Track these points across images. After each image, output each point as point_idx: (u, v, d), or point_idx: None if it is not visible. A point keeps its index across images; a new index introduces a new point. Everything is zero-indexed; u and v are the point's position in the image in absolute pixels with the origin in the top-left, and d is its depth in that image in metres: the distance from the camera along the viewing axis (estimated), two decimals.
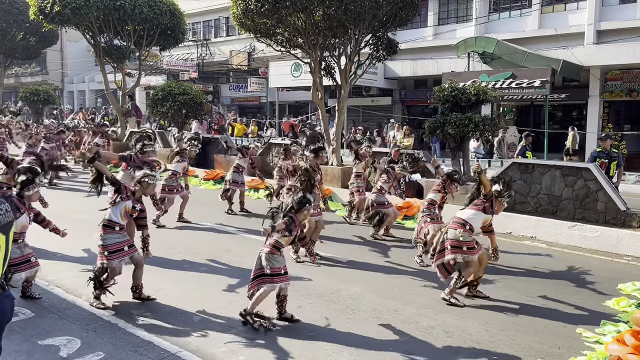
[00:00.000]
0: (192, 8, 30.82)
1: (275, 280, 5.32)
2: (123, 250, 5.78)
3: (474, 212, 6.34)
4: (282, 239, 5.40)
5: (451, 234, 6.23)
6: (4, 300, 3.12)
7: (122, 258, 5.78)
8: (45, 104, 25.73)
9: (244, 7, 12.78)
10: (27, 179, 5.73)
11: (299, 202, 5.53)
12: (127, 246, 5.83)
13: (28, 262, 5.78)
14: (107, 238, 5.73)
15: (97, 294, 5.76)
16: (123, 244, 5.80)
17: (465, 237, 6.16)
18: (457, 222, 6.29)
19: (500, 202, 6.39)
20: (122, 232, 5.86)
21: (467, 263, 6.18)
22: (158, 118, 21.56)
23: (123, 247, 5.79)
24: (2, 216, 3.05)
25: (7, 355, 4.26)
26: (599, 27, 20.14)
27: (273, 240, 5.39)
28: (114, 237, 5.76)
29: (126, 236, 5.93)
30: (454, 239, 6.18)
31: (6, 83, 33.11)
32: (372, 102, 26.32)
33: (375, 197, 9.21)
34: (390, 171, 9.36)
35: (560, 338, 5.39)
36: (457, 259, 6.14)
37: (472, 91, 11.63)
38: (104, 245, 5.72)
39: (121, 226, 5.83)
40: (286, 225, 5.34)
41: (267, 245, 5.40)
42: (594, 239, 8.99)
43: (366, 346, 5.04)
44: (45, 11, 17.80)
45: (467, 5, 23.71)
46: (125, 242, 5.85)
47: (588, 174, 9.99)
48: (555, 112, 22.79)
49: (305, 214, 5.66)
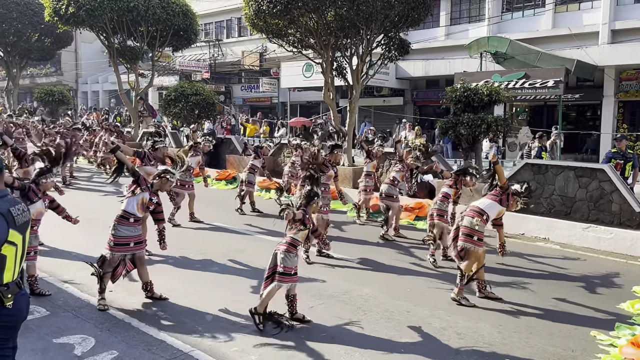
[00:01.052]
0: (204, 9, 30.95)
1: (285, 280, 5.32)
2: (128, 245, 5.78)
3: (490, 202, 6.35)
4: (298, 234, 5.43)
5: (467, 221, 6.22)
6: (20, 298, 3.15)
7: (124, 253, 5.77)
8: (60, 104, 26.02)
9: (256, 8, 12.82)
10: (45, 167, 6.08)
11: (306, 195, 5.61)
12: (134, 242, 5.81)
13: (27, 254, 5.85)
14: (119, 229, 5.75)
15: (100, 288, 5.71)
16: (131, 239, 5.80)
17: (480, 227, 6.17)
18: (474, 211, 6.28)
19: (515, 200, 6.37)
20: (136, 224, 5.86)
21: (468, 253, 6.14)
22: (171, 118, 21.70)
23: (130, 242, 5.78)
24: (19, 216, 3.09)
25: (23, 353, 4.31)
26: (613, 27, 19.91)
27: (290, 238, 5.42)
28: (126, 229, 5.77)
29: (138, 231, 5.92)
30: (469, 226, 6.17)
31: (22, 84, 33.48)
32: (383, 102, 26.25)
33: (386, 189, 9.14)
34: (404, 161, 9.33)
35: (574, 341, 5.35)
36: (466, 246, 6.13)
37: (485, 91, 11.57)
38: (113, 235, 5.74)
39: (136, 218, 5.85)
40: (302, 216, 5.42)
41: (284, 243, 5.42)
42: (609, 240, 8.90)
43: (378, 347, 5.04)
44: (60, 13, 18.00)
45: (480, 5, 23.56)
46: (134, 238, 5.83)
47: (603, 175, 9.90)
48: (569, 112, 22.58)
49: (315, 207, 5.73)
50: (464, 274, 6.16)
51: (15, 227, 3.03)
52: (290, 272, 5.35)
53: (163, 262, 7.40)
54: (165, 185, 6.14)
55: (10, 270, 3.06)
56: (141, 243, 5.95)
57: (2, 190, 3.13)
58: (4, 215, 2.98)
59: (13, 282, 3.08)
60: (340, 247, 8.34)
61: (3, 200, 3.05)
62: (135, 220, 5.85)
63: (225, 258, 7.78)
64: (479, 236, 6.17)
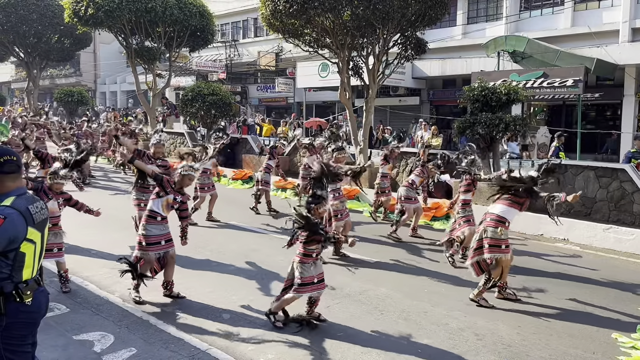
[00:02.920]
0: (221, 9, 31.12)
1: (303, 290, 5.21)
2: (160, 244, 5.89)
3: (507, 209, 6.19)
4: (310, 246, 5.22)
5: (491, 232, 6.10)
6: (39, 295, 3.18)
7: (158, 251, 5.89)
8: (79, 104, 26.36)
9: (272, 7, 12.86)
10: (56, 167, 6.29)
11: (307, 204, 5.32)
12: (164, 240, 5.94)
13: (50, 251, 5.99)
14: (149, 229, 5.86)
15: (136, 284, 5.87)
16: (161, 237, 5.91)
17: (505, 235, 6.10)
18: (495, 220, 6.16)
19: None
20: (163, 222, 5.96)
21: (497, 262, 6.09)
22: (188, 118, 21.86)
23: (160, 240, 5.90)
24: (38, 214, 3.12)
25: (43, 349, 4.36)
26: (634, 25, 19.58)
27: (302, 249, 5.28)
28: (155, 227, 5.87)
29: (167, 229, 6.00)
30: (495, 237, 6.07)
31: (42, 84, 34.02)
32: (399, 102, 26.13)
33: (405, 192, 9.10)
34: (426, 165, 9.32)
35: (595, 343, 5.26)
36: (496, 257, 6.06)
37: (503, 90, 11.44)
38: (145, 235, 5.84)
39: (163, 217, 5.94)
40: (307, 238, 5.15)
41: (297, 253, 5.32)
42: (630, 242, 8.74)
43: (395, 348, 5.00)
44: (80, 14, 18.27)
45: (497, 3, 23.33)
46: (164, 236, 5.94)
47: (624, 175, 9.74)
48: (589, 111, 22.25)
49: (321, 212, 5.43)
50: (491, 278, 6.11)
51: (33, 225, 3.06)
52: (312, 281, 5.23)
53: (180, 261, 7.43)
54: (186, 181, 6.12)
55: (30, 267, 3.09)
56: (170, 240, 6.03)
57: (21, 188, 3.17)
58: (22, 213, 3.01)
59: (32, 279, 3.12)
60: (357, 246, 8.32)
61: (21, 198, 3.09)
62: (162, 218, 5.94)
63: (241, 257, 7.80)
64: (505, 244, 6.10)
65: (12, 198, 3.04)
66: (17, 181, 3.16)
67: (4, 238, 2.90)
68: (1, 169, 3.06)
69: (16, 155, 3.20)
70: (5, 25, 24.47)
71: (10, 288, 3.00)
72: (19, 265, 3.03)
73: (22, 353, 3.13)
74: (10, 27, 24.61)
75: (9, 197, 3.05)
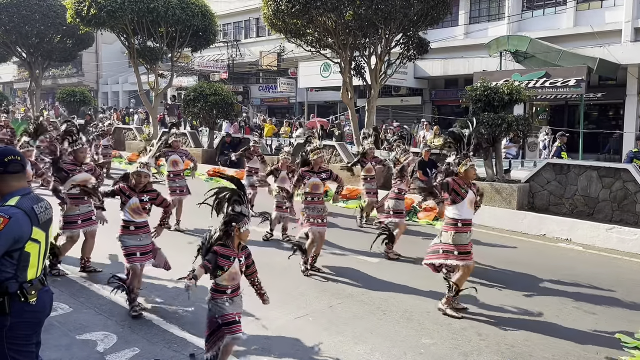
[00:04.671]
0: (223, 9, 31.16)
1: (235, 330, 4.10)
2: (135, 255, 5.63)
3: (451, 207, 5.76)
4: (219, 279, 4.13)
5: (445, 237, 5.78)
6: (44, 295, 3.18)
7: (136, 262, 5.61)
8: (81, 104, 26.40)
9: (274, 7, 12.87)
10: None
11: (224, 224, 4.15)
12: (139, 253, 5.66)
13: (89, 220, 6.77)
14: (124, 240, 5.66)
15: (131, 299, 5.61)
16: (138, 248, 5.65)
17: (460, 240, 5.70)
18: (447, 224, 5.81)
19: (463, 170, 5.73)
20: (138, 232, 5.69)
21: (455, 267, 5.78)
22: (190, 118, 21.88)
23: (136, 252, 5.64)
24: (42, 213, 3.12)
25: (46, 349, 4.37)
26: (636, 25, 19.59)
27: (212, 283, 4.19)
28: (129, 238, 5.65)
29: (145, 240, 5.72)
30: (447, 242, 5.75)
31: (44, 84, 34.05)
32: (401, 101, 26.15)
33: (394, 205, 8.23)
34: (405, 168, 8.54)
35: (598, 342, 5.25)
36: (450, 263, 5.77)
37: (506, 90, 11.43)
38: (122, 247, 5.66)
39: (136, 225, 5.69)
40: (206, 268, 4.07)
41: (209, 289, 4.22)
42: (633, 242, 8.73)
43: (397, 348, 5.00)
44: (82, 14, 18.28)
45: (499, 3, 23.35)
46: (140, 248, 5.66)
47: (626, 175, 9.73)
48: (591, 111, 22.23)
49: (243, 234, 4.15)
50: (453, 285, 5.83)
51: (38, 225, 3.07)
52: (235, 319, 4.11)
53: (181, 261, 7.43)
54: (142, 179, 5.77)
55: (34, 267, 3.09)
56: (147, 254, 5.73)
57: (25, 188, 3.17)
58: (27, 213, 3.01)
59: (36, 279, 3.12)
60: (357, 245, 8.32)
61: (26, 198, 3.09)
62: (136, 227, 5.69)
63: None
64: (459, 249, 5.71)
65: (17, 198, 3.04)
66: (22, 181, 3.16)
67: (9, 237, 2.90)
68: (5, 169, 3.06)
69: (20, 155, 3.19)
70: (8, 25, 24.49)
71: (15, 288, 3.00)
72: (24, 265, 3.03)
73: (27, 352, 3.13)
74: (13, 27, 24.64)
75: (13, 196, 3.05)
